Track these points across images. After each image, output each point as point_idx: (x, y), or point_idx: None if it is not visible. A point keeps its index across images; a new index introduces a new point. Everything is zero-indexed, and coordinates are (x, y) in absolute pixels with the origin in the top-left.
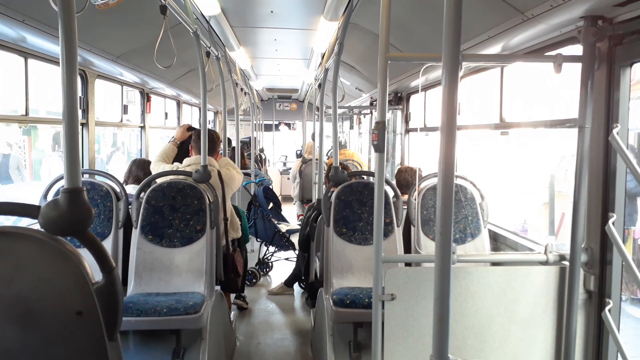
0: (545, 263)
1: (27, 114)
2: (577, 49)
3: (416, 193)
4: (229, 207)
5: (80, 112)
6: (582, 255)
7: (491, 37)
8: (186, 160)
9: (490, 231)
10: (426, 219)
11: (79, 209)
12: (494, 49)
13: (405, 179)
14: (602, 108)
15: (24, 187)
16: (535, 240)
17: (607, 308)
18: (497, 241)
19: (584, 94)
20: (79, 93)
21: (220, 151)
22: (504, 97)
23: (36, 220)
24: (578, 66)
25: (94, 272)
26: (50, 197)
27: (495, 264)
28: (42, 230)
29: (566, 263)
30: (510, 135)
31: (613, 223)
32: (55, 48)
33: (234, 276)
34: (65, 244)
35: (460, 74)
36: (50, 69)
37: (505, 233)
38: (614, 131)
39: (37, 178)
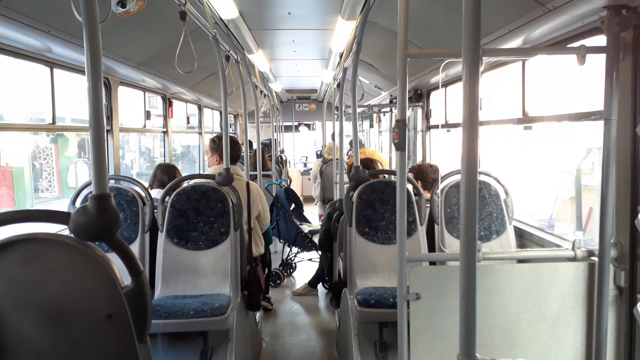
0: (573, 259)
1: (54, 122)
2: (600, 40)
3: (439, 191)
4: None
5: (105, 120)
6: (612, 251)
7: (511, 30)
8: (210, 170)
9: (515, 228)
10: (450, 217)
11: (107, 215)
12: (515, 42)
13: (422, 174)
14: (629, 99)
15: None
16: (562, 235)
17: (638, 304)
18: (523, 238)
19: (609, 86)
20: (104, 101)
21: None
22: (527, 91)
23: (66, 226)
24: (602, 57)
25: (123, 276)
26: (78, 203)
27: (521, 261)
28: (72, 235)
29: (595, 259)
30: (535, 130)
31: None
32: (79, 57)
33: (256, 289)
34: (94, 248)
35: (481, 69)
36: (73, 77)
37: (531, 229)
38: None
39: (65, 184)
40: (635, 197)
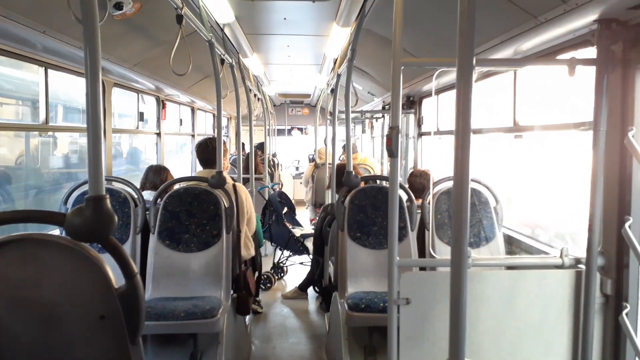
0: (561, 267)
1: (47, 122)
2: (591, 51)
3: (430, 197)
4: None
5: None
6: (599, 259)
7: (504, 41)
8: (199, 174)
9: (504, 235)
10: (440, 223)
11: (102, 216)
12: (507, 52)
13: (421, 183)
14: (617, 111)
15: None
16: (550, 244)
17: (624, 312)
18: (512, 245)
19: (598, 97)
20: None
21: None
22: (517, 101)
23: (57, 227)
24: (592, 69)
25: (116, 277)
26: (69, 203)
27: (510, 267)
28: (67, 236)
29: (582, 267)
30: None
31: (629, 226)
32: (75, 57)
33: (245, 293)
34: (89, 249)
35: (474, 78)
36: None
37: (519, 237)
38: (630, 134)
39: None
40: (622, 206)
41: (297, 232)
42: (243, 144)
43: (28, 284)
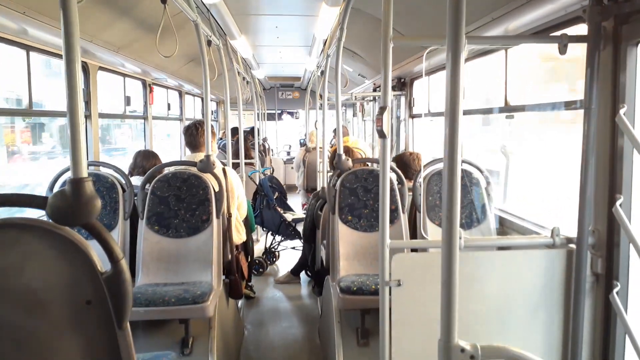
0: (552, 246)
1: (30, 106)
2: (582, 29)
3: (421, 179)
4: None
5: (83, 104)
6: (589, 238)
7: (495, 18)
8: (187, 158)
9: (496, 216)
10: (432, 205)
11: (84, 199)
12: (498, 30)
13: (405, 163)
14: (609, 88)
15: None
16: (541, 224)
17: (614, 290)
18: (504, 226)
19: (589, 75)
20: (81, 85)
21: (221, 142)
22: (509, 80)
23: (43, 212)
24: (583, 46)
25: (103, 263)
26: (56, 189)
27: (501, 248)
28: (50, 221)
29: (573, 246)
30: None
31: (620, 205)
32: (57, 40)
33: (238, 277)
34: (73, 234)
35: (465, 56)
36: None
37: (511, 218)
38: (621, 112)
39: None
40: (613, 185)
41: (289, 216)
42: (236, 129)
43: (10, 270)
